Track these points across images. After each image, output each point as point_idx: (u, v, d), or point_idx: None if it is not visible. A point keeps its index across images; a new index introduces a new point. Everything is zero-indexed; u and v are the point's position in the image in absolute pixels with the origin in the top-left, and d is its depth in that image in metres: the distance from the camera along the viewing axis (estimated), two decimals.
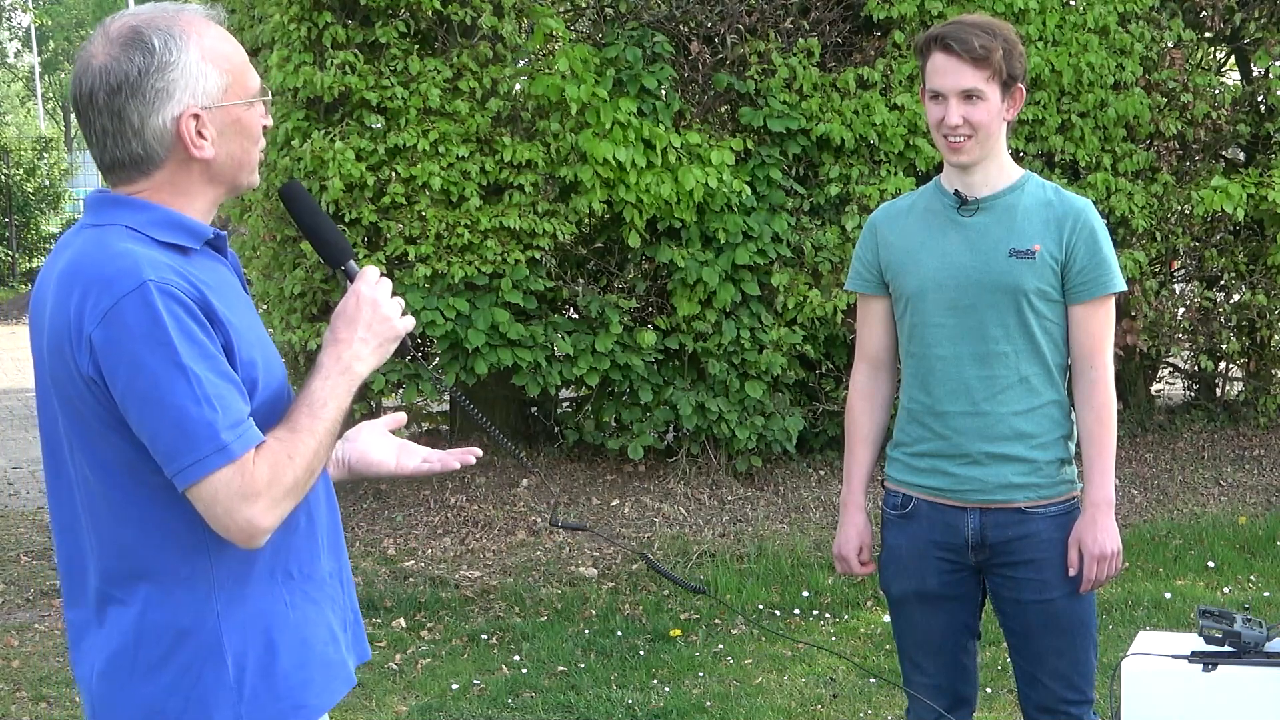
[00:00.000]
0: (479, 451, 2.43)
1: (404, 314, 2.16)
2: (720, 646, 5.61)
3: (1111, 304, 3.16)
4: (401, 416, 2.48)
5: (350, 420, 2.18)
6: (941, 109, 3.09)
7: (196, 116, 2.02)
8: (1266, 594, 6.16)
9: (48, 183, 23.80)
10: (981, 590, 3.28)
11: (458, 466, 2.41)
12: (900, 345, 3.28)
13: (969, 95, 3.06)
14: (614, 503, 7.23)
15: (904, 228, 3.24)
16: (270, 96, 2.15)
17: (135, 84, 2.00)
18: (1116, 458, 3.23)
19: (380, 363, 2.14)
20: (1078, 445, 3.21)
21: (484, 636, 5.77)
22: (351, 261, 2.21)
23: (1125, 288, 3.23)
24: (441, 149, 6.71)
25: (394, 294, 2.17)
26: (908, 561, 3.25)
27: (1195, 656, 2.99)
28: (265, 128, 2.13)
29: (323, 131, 6.71)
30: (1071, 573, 3.12)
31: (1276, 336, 8.52)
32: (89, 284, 1.94)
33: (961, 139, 3.09)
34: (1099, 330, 3.14)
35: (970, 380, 3.13)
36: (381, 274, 2.19)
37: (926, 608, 3.25)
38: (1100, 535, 3.09)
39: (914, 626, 3.29)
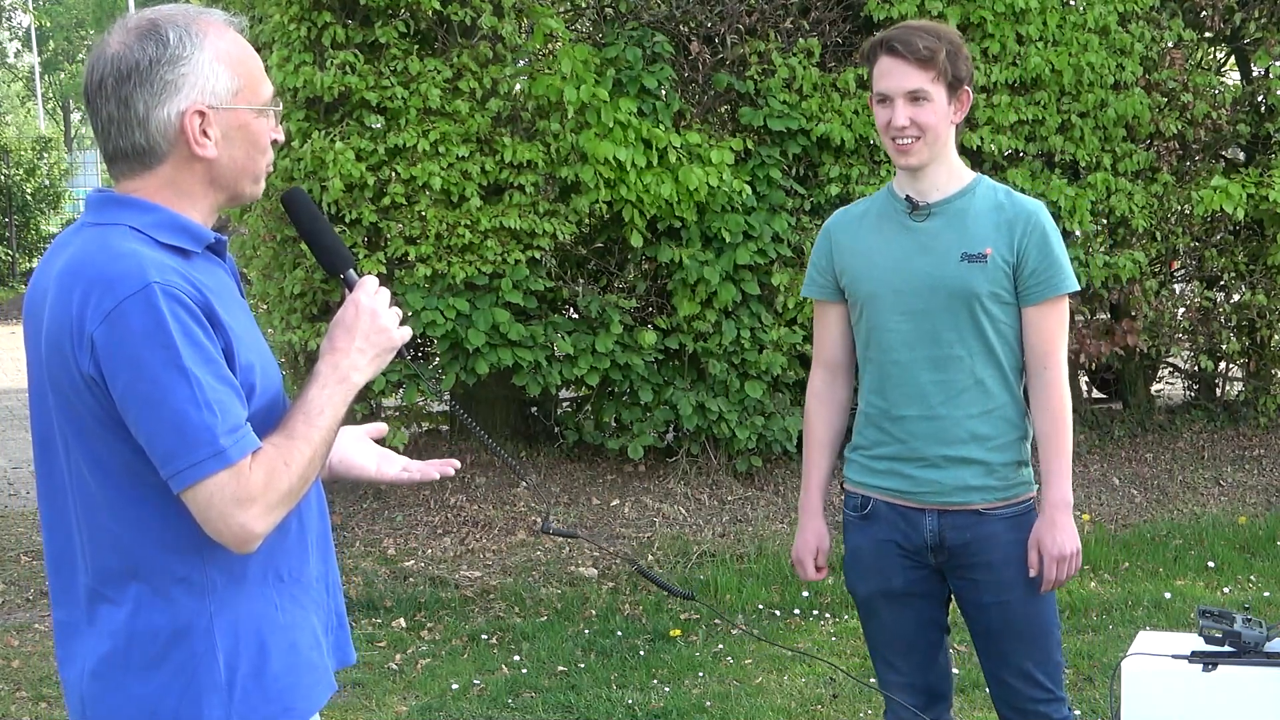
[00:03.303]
0: (457, 464, 2.46)
1: (402, 324, 2.17)
2: (720, 646, 5.61)
3: (1065, 304, 3.19)
4: (383, 427, 2.50)
5: (350, 419, 2.19)
6: (888, 111, 3.12)
7: (202, 114, 2.03)
8: (1266, 594, 6.16)
9: (48, 183, 23.81)
10: (947, 587, 3.30)
11: (437, 477, 2.43)
12: (858, 350, 3.32)
13: (915, 97, 3.09)
14: (614, 503, 7.23)
15: (857, 233, 3.27)
16: (281, 107, 2.15)
17: (144, 73, 2.01)
18: (1116, 458, 3.25)
19: (377, 373, 2.16)
20: (1034, 446, 3.22)
21: (484, 636, 5.77)
22: (351, 270, 2.21)
23: (1078, 287, 3.25)
24: (441, 149, 6.71)
25: (394, 295, 2.18)
26: (870, 562, 3.27)
27: (1195, 656, 3.00)
28: (276, 141, 2.13)
29: (323, 132, 6.70)
30: (1032, 574, 3.14)
31: (1276, 336, 8.51)
32: (91, 283, 1.94)
33: (909, 140, 3.11)
34: (1052, 331, 3.16)
35: (925, 385, 3.16)
36: (380, 282, 2.19)
37: (894, 607, 3.28)
38: (1059, 536, 3.10)
39: (884, 626, 3.31)
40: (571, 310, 7.42)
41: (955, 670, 3.84)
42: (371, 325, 2.13)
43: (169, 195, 2.06)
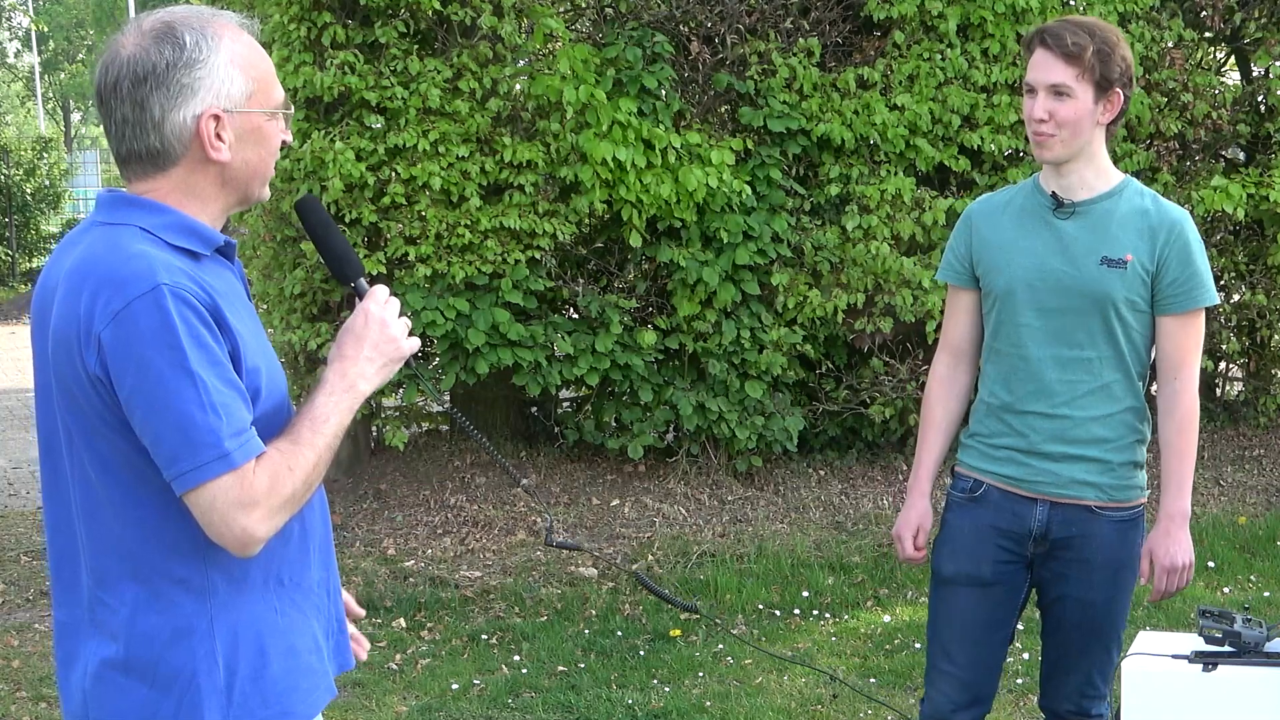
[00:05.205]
0: (368, 646, 2.38)
1: (410, 334, 2.18)
2: (720, 646, 5.61)
3: (1202, 317, 3.18)
4: None
5: (351, 420, 2.20)
6: (1031, 102, 3.14)
7: (217, 118, 2.04)
8: (1266, 594, 6.16)
9: (47, 183, 23.76)
10: (1028, 587, 3.30)
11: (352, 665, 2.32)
12: (985, 340, 3.31)
13: (1057, 91, 3.09)
14: (614, 503, 7.23)
15: (999, 224, 3.26)
16: (293, 110, 2.17)
17: (161, 76, 2.01)
18: None
19: (384, 382, 2.17)
20: (1149, 450, 3.24)
21: (484, 636, 5.77)
22: (362, 279, 2.22)
23: (1217, 301, 3.24)
24: (441, 149, 6.71)
25: (393, 294, 2.19)
26: (966, 543, 3.27)
27: (1195, 656, 3.00)
28: (285, 143, 2.15)
29: (323, 131, 6.70)
30: (1142, 581, 3.18)
31: (1276, 336, 8.51)
32: (100, 283, 1.95)
33: (1046, 134, 3.11)
34: (1188, 343, 3.17)
35: (1052, 382, 3.17)
36: (380, 283, 2.20)
37: (974, 593, 3.27)
38: (1173, 548, 3.15)
39: (955, 611, 3.30)
40: (571, 310, 7.42)
41: None
42: (381, 334, 2.14)
43: (180, 197, 2.07)
